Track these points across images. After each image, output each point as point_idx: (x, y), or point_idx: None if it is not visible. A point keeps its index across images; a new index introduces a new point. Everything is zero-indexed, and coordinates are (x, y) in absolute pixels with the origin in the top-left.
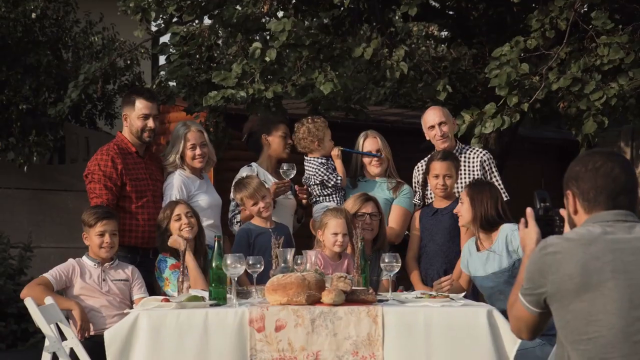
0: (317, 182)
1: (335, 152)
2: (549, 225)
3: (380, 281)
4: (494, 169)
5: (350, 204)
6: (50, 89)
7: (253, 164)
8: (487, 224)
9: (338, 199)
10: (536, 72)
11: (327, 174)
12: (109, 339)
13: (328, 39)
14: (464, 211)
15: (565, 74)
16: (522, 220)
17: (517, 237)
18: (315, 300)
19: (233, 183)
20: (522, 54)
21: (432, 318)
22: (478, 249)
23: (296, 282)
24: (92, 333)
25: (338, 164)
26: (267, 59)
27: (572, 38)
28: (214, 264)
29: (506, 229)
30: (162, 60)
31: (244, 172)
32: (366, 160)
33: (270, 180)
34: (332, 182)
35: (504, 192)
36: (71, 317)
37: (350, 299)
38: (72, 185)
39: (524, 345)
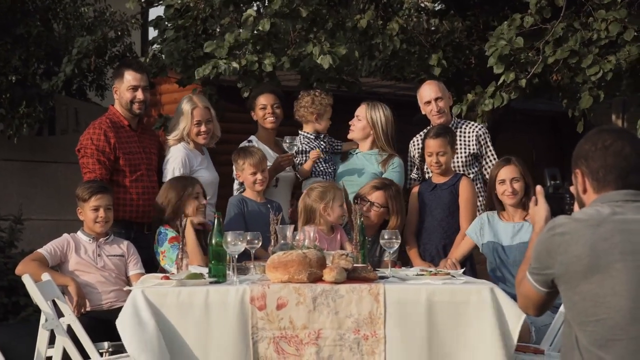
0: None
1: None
2: (559, 203)
3: (383, 261)
4: (489, 143)
5: (365, 187)
6: (40, 60)
7: (252, 137)
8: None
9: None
10: (532, 47)
11: (304, 149)
12: (120, 326)
13: (324, 10)
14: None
15: (561, 47)
16: (533, 197)
17: None
18: (316, 278)
19: (237, 149)
20: (519, 31)
21: (434, 296)
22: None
23: (297, 260)
24: (88, 309)
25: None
26: (260, 28)
27: (568, 12)
28: (213, 241)
29: None
30: (153, 32)
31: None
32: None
33: (270, 154)
34: (298, 160)
35: None
36: (67, 293)
37: (351, 276)
38: (62, 157)
39: None
